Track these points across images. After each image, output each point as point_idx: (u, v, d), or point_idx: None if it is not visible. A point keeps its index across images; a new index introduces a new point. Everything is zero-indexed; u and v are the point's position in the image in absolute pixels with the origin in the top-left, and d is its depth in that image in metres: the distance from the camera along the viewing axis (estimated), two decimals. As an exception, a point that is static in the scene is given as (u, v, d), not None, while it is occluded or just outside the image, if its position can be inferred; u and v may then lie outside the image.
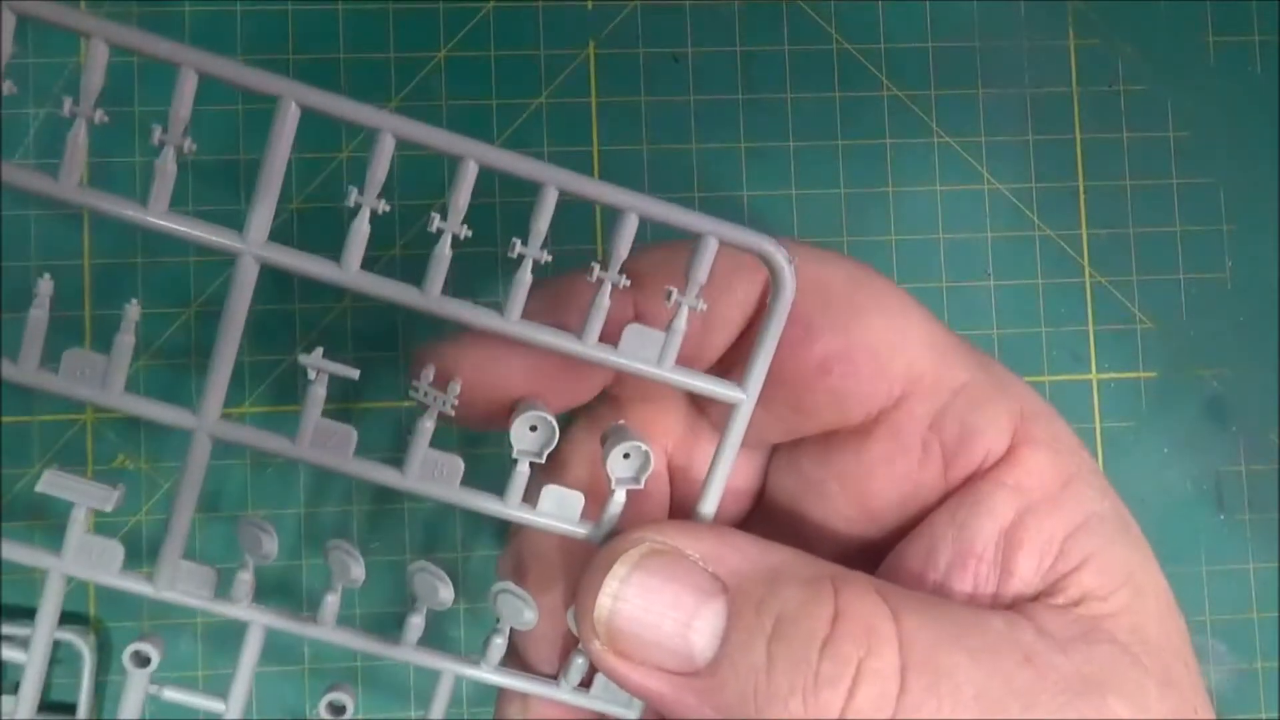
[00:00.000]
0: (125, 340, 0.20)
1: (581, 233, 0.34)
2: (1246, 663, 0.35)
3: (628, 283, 0.21)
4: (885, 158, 0.34)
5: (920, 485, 0.23)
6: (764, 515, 0.26)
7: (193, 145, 0.20)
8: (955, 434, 0.22)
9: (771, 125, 0.34)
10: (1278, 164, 0.35)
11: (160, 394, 0.21)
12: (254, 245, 0.20)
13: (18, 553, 0.22)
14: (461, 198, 0.20)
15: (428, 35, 0.33)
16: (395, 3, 0.33)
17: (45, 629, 0.22)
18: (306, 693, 0.32)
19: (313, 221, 0.33)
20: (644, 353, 0.21)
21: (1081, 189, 0.35)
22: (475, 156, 0.20)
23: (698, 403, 0.25)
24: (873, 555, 0.24)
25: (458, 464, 0.22)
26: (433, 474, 0.22)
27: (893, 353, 0.22)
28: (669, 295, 0.21)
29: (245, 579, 0.22)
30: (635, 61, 0.34)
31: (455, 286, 0.22)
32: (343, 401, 0.33)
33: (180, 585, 0.22)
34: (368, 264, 0.21)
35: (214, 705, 0.24)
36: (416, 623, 0.23)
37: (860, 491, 0.23)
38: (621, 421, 0.23)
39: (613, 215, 0.21)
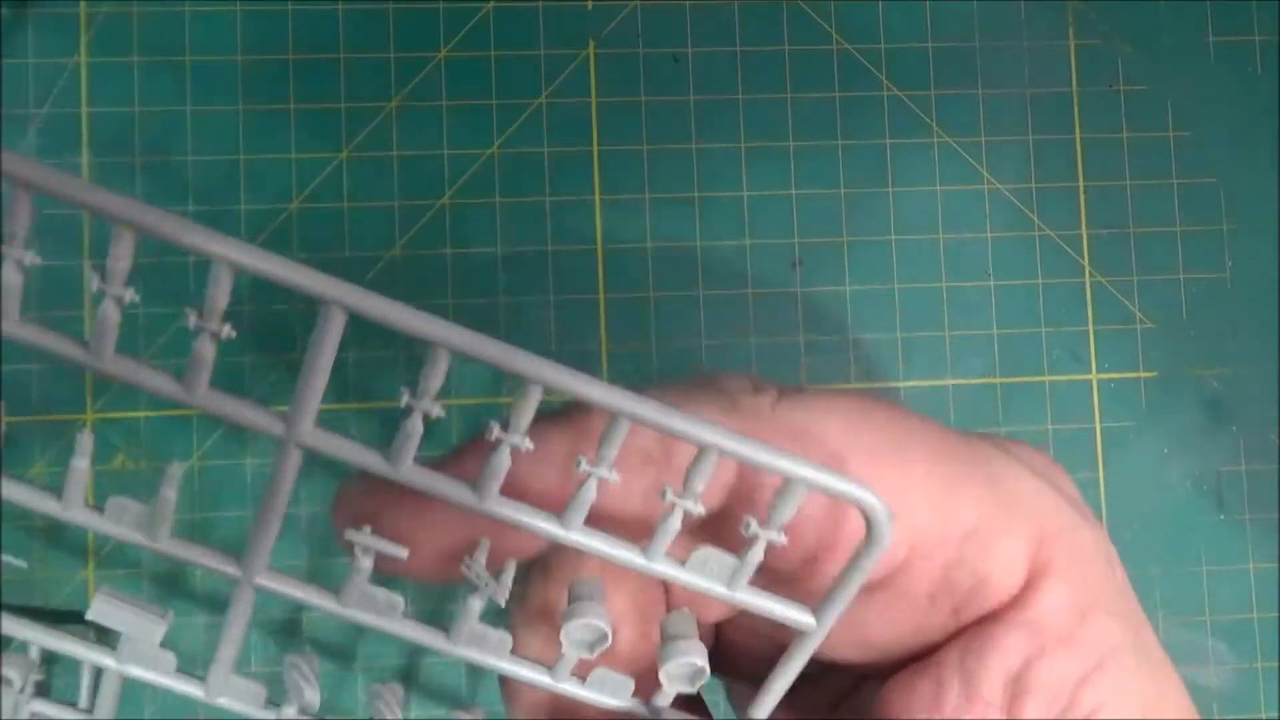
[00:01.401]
0: (168, 495, 0.20)
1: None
2: (1246, 663, 0.35)
3: (702, 511, 0.19)
4: (885, 158, 0.34)
5: (926, 629, 0.22)
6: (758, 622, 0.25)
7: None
8: (967, 585, 0.21)
9: (771, 125, 0.34)
10: (1278, 164, 0.35)
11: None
12: (300, 435, 0.20)
13: (74, 649, 0.22)
14: (434, 383, 0.19)
15: (428, 35, 0.33)
16: (395, 3, 0.33)
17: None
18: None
19: (312, 222, 0.33)
20: (714, 574, 0.20)
21: (1081, 189, 0.35)
22: (537, 378, 0.19)
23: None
24: (871, 673, 0.23)
25: (505, 639, 0.22)
26: (479, 643, 0.21)
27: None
28: (747, 526, 0.19)
29: (291, 715, 0.22)
30: (635, 61, 0.34)
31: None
32: (342, 402, 0.33)
33: (230, 694, 0.23)
34: (366, 264, 0.21)
35: None
36: None
37: (860, 634, 0.22)
38: (686, 610, 0.22)
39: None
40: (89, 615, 0.21)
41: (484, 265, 0.33)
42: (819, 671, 0.23)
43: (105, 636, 0.24)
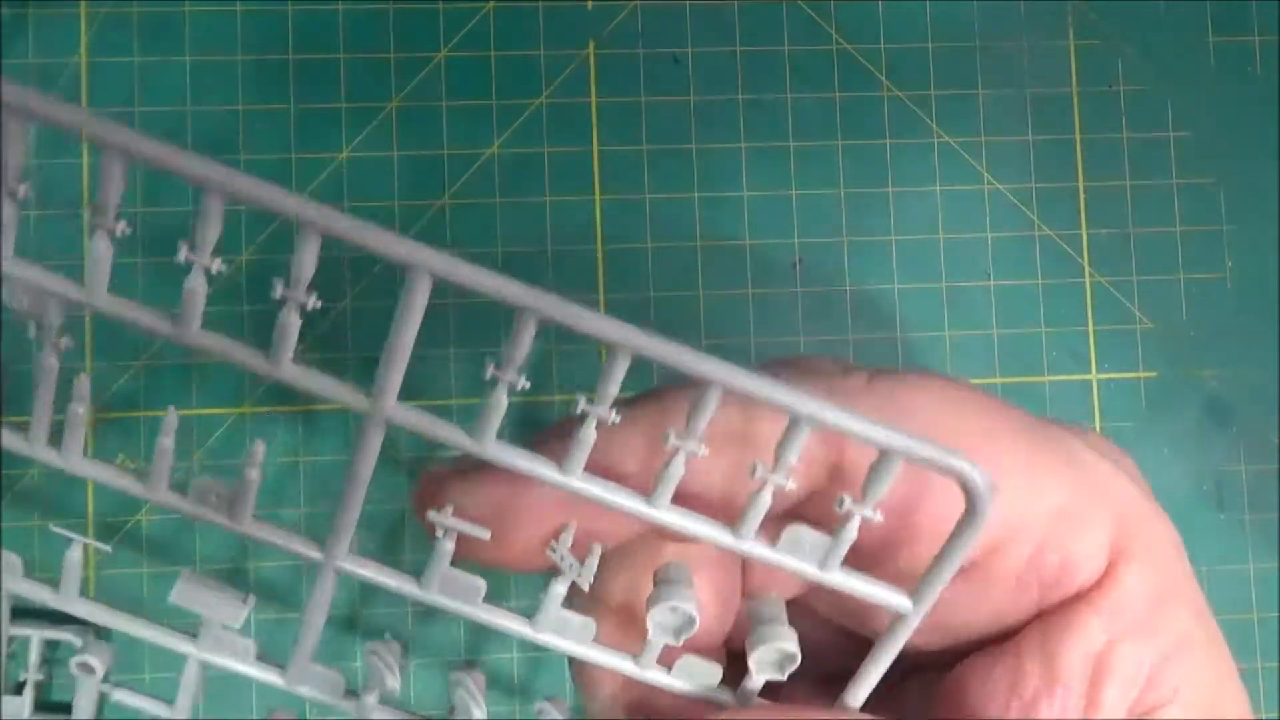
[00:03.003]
0: (252, 476, 0.20)
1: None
2: (1246, 663, 0.35)
3: (793, 486, 0.19)
4: (885, 158, 0.35)
5: (1009, 613, 0.22)
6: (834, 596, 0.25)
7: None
8: (1054, 567, 0.21)
9: (771, 125, 0.34)
10: (1278, 164, 0.35)
11: (163, 394, 0.21)
12: (384, 410, 0.19)
13: (153, 633, 0.22)
14: (520, 351, 0.18)
15: (428, 35, 0.33)
16: (395, 3, 0.33)
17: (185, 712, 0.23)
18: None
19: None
20: (806, 554, 0.19)
21: (1081, 189, 0.35)
22: (625, 344, 0.18)
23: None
24: (946, 656, 0.23)
25: (589, 625, 0.21)
26: (562, 630, 0.21)
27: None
28: (841, 503, 0.19)
29: (370, 702, 0.22)
30: (635, 61, 0.34)
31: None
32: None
33: (310, 683, 0.22)
34: (368, 263, 0.21)
35: None
36: None
37: (941, 619, 0.22)
38: (775, 594, 0.22)
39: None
40: (171, 598, 0.21)
41: (484, 265, 0.33)
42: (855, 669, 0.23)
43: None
